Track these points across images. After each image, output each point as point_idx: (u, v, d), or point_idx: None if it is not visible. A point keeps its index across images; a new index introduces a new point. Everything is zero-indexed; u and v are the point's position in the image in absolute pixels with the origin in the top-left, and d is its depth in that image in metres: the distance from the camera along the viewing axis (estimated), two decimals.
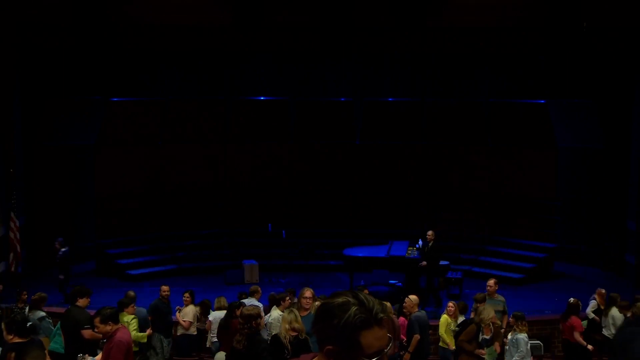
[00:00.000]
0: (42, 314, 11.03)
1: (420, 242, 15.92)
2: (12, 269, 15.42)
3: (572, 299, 11.58)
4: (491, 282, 11.45)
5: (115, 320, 6.91)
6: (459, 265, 17.48)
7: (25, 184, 17.02)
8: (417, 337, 9.86)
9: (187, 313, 11.61)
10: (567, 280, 17.48)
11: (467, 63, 18.67)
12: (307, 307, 8.42)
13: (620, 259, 17.41)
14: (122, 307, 10.05)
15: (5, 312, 13.33)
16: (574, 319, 10.85)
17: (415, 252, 15.77)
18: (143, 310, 11.11)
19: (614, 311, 11.43)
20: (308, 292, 8.52)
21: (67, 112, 17.72)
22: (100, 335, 7.09)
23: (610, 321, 11.43)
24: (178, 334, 11.69)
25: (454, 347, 10.57)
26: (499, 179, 19.23)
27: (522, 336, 9.65)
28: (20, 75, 16.52)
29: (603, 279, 17.22)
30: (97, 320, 6.88)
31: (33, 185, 17.49)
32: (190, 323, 11.65)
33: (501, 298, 11.58)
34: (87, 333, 8.60)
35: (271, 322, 9.89)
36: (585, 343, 10.71)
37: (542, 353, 12.28)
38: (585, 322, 11.79)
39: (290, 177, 20.11)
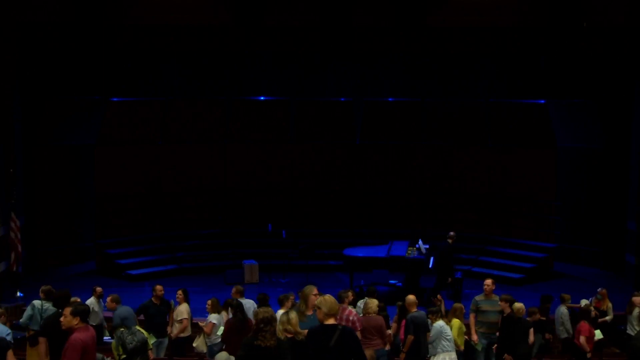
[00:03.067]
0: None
1: (420, 242, 15.94)
2: (14, 269, 15.43)
3: (583, 303, 11.55)
4: (489, 281, 11.42)
5: (84, 318, 6.79)
6: (459, 265, 17.46)
7: (25, 184, 17.02)
8: (411, 337, 9.84)
9: (182, 312, 11.47)
10: (567, 280, 17.48)
11: (467, 63, 18.67)
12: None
13: (620, 259, 17.40)
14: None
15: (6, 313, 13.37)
16: (582, 324, 10.82)
17: (415, 252, 15.78)
18: (129, 309, 11.03)
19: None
20: (315, 289, 8.51)
21: (67, 112, 17.73)
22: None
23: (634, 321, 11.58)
24: (173, 335, 11.46)
25: (463, 348, 10.63)
26: (499, 179, 19.23)
27: (436, 324, 9.99)
28: (20, 75, 16.52)
29: (603, 279, 17.23)
30: (68, 310, 6.83)
31: (33, 185, 17.49)
32: (187, 321, 11.48)
33: (496, 297, 11.53)
34: None
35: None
36: (587, 350, 10.68)
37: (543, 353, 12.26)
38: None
39: (290, 177, 20.13)
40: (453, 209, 19.67)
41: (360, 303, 11.35)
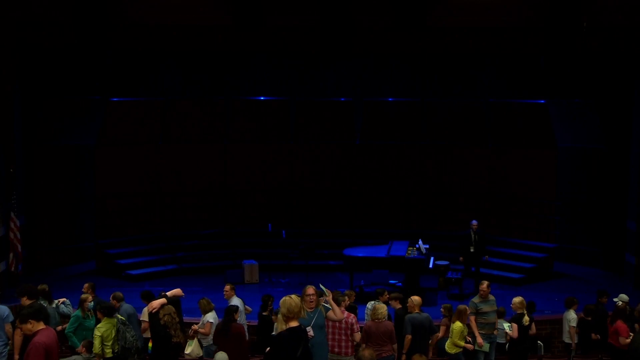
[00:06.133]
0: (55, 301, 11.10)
1: (420, 242, 15.95)
2: (12, 269, 15.43)
3: (619, 303, 11.48)
4: (484, 285, 11.44)
5: (37, 318, 6.61)
6: (459, 265, 17.48)
7: (25, 184, 17.02)
8: (408, 337, 9.82)
9: (144, 313, 10.89)
10: (567, 280, 17.48)
11: (467, 63, 18.66)
12: (312, 305, 8.48)
13: (620, 259, 17.39)
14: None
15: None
16: (619, 324, 10.70)
17: (415, 252, 15.79)
18: (132, 307, 11.04)
19: None
20: (311, 290, 8.57)
21: (67, 112, 17.72)
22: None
23: None
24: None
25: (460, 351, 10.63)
26: (499, 179, 19.23)
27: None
28: (20, 75, 16.51)
29: (603, 279, 17.22)
30: (17, 321, 6.76)
31: (33, 185, 17.48)
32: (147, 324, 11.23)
33: (493, 298, 11.55)
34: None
35: None
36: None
37: (542, 353, 12.28)
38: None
39: (290, 177, 20.12)
40: (453, 209, 19.66)
41: (370, 305, 11.33)
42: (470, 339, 10.80)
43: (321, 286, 8.75)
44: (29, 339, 6.66)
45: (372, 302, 11.41)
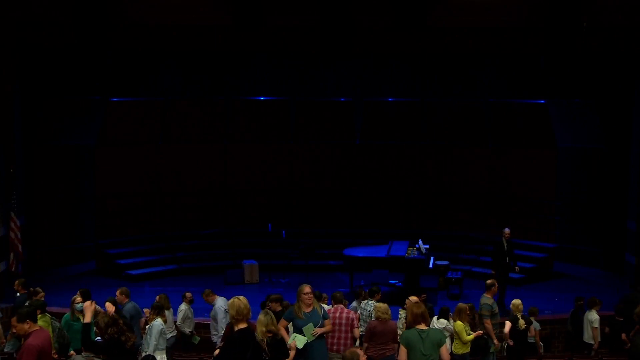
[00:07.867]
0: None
1: (420, 242, 15.94)
2: (13, 269, 15.42)
3: None
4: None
5: (33, 319, 6.73)
6: (459, 265, 17.51)
7: (25, 184, 17.01)
8: None
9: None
10: (567, 280, 17.49)
11: (467, 63, 18.66)
12: (310, 302, 8.49)
13: (620, 259, 17.39)
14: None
15: (6, 313, 13.36)
16: None
17: (415, 252, 15.79)
18: (136, 307, 11.03)
19: None
20: (307, 288, 8.56)
21: (67, 112, 17.72)
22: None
23: None
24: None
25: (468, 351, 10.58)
26: (499, 179, 19.23)
27: (157, 323, 9.69)
28: (20, 75, 16.51)
29: (603, 279, 17.23)
30: (14, 320, 6.81)
31: (33, 185, 17.48)
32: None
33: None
34: None
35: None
36: None
37: (542, 353, 12.28)
38: None
39: (290, 177, 20.12)
40: (453, 209, 19.67)
41: (364, 304, 11.33)
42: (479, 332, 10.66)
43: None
44: (23, 339, 6.69)
45: (366, 301, 11.42)
